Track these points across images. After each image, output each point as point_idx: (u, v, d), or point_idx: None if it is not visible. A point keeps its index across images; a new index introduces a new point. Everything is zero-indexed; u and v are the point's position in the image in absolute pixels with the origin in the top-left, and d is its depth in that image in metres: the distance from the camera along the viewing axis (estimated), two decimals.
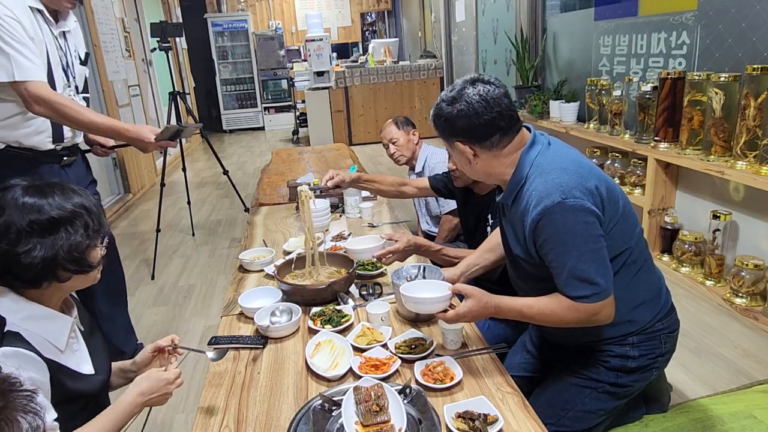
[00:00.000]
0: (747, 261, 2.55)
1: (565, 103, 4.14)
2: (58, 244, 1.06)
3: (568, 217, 1.25)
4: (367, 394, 1.17)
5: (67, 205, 1.09)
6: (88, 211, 1.13)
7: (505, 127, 1.36)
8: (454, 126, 1.37)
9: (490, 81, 1.37)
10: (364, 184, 2.23)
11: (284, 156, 4.29)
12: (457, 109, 1.35)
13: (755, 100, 2.46)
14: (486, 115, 1.33)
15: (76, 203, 1.11)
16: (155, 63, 7.09)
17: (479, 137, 1.36)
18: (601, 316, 1.30)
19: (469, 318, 1.39)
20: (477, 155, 1.39)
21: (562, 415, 1.47)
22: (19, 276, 1.06)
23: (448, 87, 1.44)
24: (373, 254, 1.84)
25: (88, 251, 1.12)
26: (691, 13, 2.99)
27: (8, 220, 1.04)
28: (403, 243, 1.82)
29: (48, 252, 1.05)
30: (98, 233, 1.14)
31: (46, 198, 1.08)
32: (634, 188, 3.37)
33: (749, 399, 1.99)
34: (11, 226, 1.03)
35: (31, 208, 1.06)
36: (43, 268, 1.05)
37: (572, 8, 4.35)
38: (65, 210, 1.09)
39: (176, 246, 4.26)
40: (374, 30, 11.29)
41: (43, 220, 1.06)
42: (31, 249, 1.03)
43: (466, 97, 1.34)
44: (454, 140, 1.39)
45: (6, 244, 1.03)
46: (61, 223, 1.07)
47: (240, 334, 1.63)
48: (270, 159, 4.37)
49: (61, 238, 1.07)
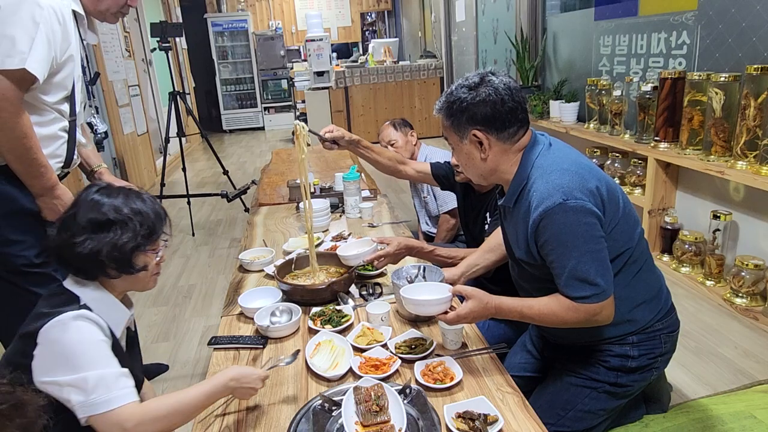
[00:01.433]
0: (747, 261, 2.55)
1: (565, 103, 4.14)
2: (104, 242, 1.14)
3: (569, 218, 1.25)
4: (367, 394, 1.17)
5: (124, 208, 1.17)
6: (143, 216, 1.19)
7: (522, 120, 1.37)
8: (476, 113, 1.34)
9: (508, 75, 1.39)
10: (362, 150, 2.15)
11: (284, 156, 4.29)
12: (482, 94, 1.33)
13: (755, 100, 2.46)
14: (510, 103, 1.33)
15: (133, 208, 1.18)
16: (155, 63, 7.09)
17: (500, 126, 1.35)
18: (601, 316, 1.30)
19: (470, 319, 1.39)
20: (491, 147, 1.37)
21: (562, 415, 1.47)
22: (71, 264, 1.16)
23: (460, 78, 1.41)
24: (364, 259, 1.80)
25: (135, 254, 1.17)
26: (691, 13, 2.99)
27: (76, 213, 1.15)
28: (393, 246, 1.81)
29: (94, 246, 1.13)
30: (149, 239, 1.19)
31: (110, 198, 1.17)
32: (634, 188, 3.37)
33: (749, 399, 1.99)
34: (76, 219, 1.15)
35: (94, 206, 1.16)
36: (88, 260, 1.13)
37: (572, 8, 4.35)
38: (120, 213, 1.16)
39: (176, 246, 4.25)
40: (374, 30, 11.28)
41: (98, 218, 1.15)
42: (82, 241, 1.13)
43: (492, 83, 1.34)
44: (471, 129, 1.36)
45: (68, 234, 1.14)
46: (113, 224, 1.15)
47: (240, 334, 1.63)
48: (270, 159, 4.37)
49: (109, 237, 1.14)
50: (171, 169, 6.46)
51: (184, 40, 8.51)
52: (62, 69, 1.63)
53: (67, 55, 1.63)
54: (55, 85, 1.64)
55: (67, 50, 1.63)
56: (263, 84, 9.96)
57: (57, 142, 1.70)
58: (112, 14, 1.81)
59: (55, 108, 1.67)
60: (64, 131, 1.73)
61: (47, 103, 1.64)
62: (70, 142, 1.76)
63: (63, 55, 1.61)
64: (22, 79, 1.49)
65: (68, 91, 1.69)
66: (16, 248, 1.63)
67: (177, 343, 2.77)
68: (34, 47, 1.48)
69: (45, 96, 1.62)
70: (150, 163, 6.31)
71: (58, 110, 1.68)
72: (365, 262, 1.81)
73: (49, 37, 1.53)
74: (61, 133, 1.72)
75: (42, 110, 1.63)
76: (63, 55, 1.61)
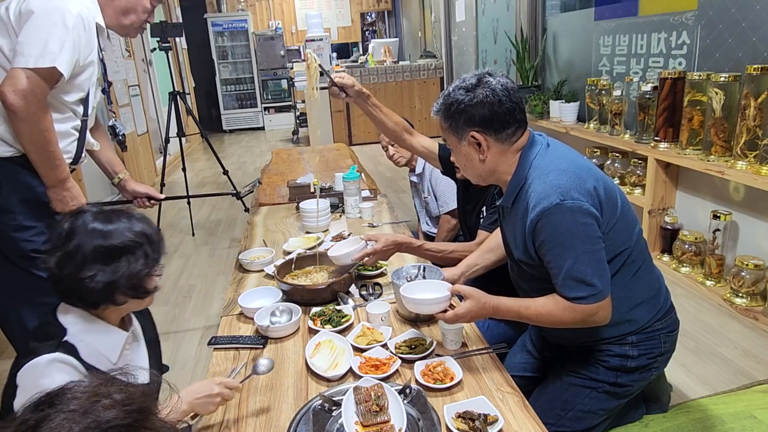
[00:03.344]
0: (747, 261, 2.55)
1: (565, 103, 4.14)
2: (119, 272, 1.09)
3: (566, 218, 1.25)
4: (367, 394, 1.17)
5: (129, 234, 1.12)
6: (149, 239, 1.15)
7: (520, 120, 1.38)
8: (473, 114, 1.35)
9: (505, 76, 1.39)
10: (369, 107, 2.00)
11: (284, 156, 4.30)
12: (480, 95, 1.34)
13: (755, 100, 2.46)
14: (508, 103, 1.34)
15: (138, 231, 1.14)
16: (155, 63, 7.09)
17: (497, 127, 1.35)
18: (597, 317, 1.31)
19: (468, 318, 1.39)
20: (489, 148, 1.37)
21: (562, 415, 1.47)
22: (81, 298, 1.11)
23: (457, 80, 1.42)
24: (353, 257, 1.79)
25: (147, 279, 1.15)
26: (691, 13, 2.99)
27: (77, 244, 1.08)
28: (381, 243, 1.81)
29: (109, 278, 1.09)
30: (156, 261, 1.17)
31: (113, 224, 1.12)
32: (634, 188, 3.37)
33: (749, 399, 1.99)
34: (79, 250, 1.08)
35: (98, 234, 1.10)
36: (103, 292, 1.09)
37: (572, 8, 4.35)
38: (128, 238, 1.12)
39: (176, 246, 4.25)
40: (374, 30, 11.28)
41: (107, 247, 1.09)
42: (94, 275, 1.07)
43: (489, 84, 1.35)
44: (469, 131, 1.37)
45: (73, 267, 1.07)
46: (124, 252, 1.11)
47: (240, 334, 1.63)
48: (270, 159, 4.37)
49: (123, 266, 1.10)
50: (171, 169, 6.46)
51: (184, 40, 8.50)
52: (83, 72, 1.76)
53: (88, 60, 1.75)
54: (75, 86, 1.75)
55: (90, 55, 1.75)
56: (263, 84, 9.96)
57: (69, 138, 1.81)
58: (135, 29, 1.92)
59: (71, 107, 1.78)
60: (76, 130, 1.84)
61: (65, 102, 1.75)
62: (80, 140, 1.86)
63: (85, 59, 1.73)
64: (50, 77, 1.61)
65: (84, 93, 1.80)
66: (27, 234, 1.72)
67: (177, 343, 2.77)
68: (64, 48, 1.60)
69: (64, 95, 1.74)
70: (150, 163, 6.31)
71: (73, 110, 1.80)
72: (354, 260, 1.81)
73: (76, 41, 1.64)
74: (73, 131, 1.82)
75: (60, 108, 1.75)
76: (85, 59, 1.73)
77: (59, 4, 1.62)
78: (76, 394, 0.67)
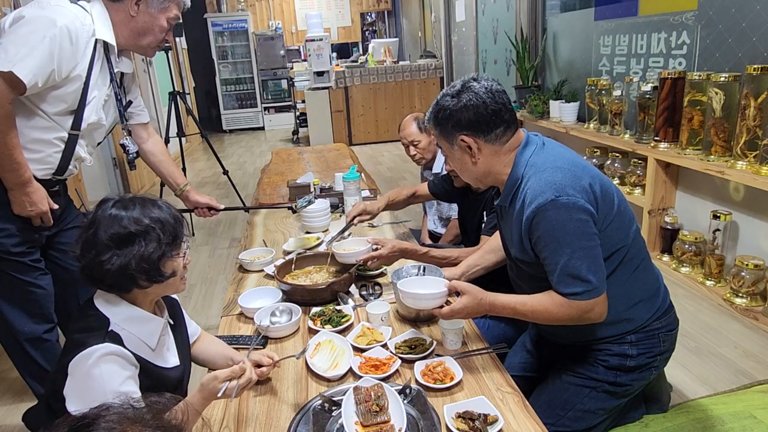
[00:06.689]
0: (747, 261, 2.55)
1: (565, 103, 4.14)
2: (130, 255, 1.15)
3: (561, 214, 1.26)
4: (367, 394, 1.17)
5: (144, 219, 1.17)
6: (163, 224, 1.19)
7: (508, 120, 1.39)
8: (460, 119, 1.38)
9: (491, 79, 1.42)
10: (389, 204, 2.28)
11: (284, 156, 4.30)
12: (464, 99, 1.37)
13: (755, 100, 2.46)
14: (492, 105, 1.36)
15: (152, 217, 1.19)
16: (155, 63, 7.09)
17: (485, 129, 1.37)
18: (593, 313, 1.31)
19: (464, 314, 1.40)
20: (480, 150, 1.40)
21: (561, 415, 1.47)
22: (102, 281, 1.17)
23: (446, 88, 1.46)
24: (357, 258, 1.83)
25: (162, 262, 1.18)
26: (691, 13, 2.99)
27: (97, 232, 1.15)
28: (387, 249, 1.83)
29: (123, 261, 1.14)
30: (172, 245, 1.20)
31: (127, 211, 1.18)
32: (634, 188, 3.37)
33: (749, 399, 1.99)
34: (99, 237, 1.15)
35: (114, 220, 1.16)
36: (119, 275, 1.15)
37: (572, 8, 4.34)
38: (141, 224, 1.17)
39: None
40: (374, 30, 11.28)
41: (121, 233, 1.15)
42: (109, 258, 1.14)
43: (472, 89, 1.38)
44: (459, 135, 1.39)
45: (93, 253, 1.15)
46: (136, 236, 1.16)
47: (240, 334, 1.63)
48: (270, 159, 4.37)
49: (134, 250, 1.15)
50: None
51: (184, 40, 8.50)
52: (65, 85, 1.71)
53: (74, 73, 1.70)
54: (56, 97, 1.71)
55: (74, 69, 1.70)
56: (263, 84, 9.96)
57: (50, 148, 1.77)
58: (152, 49, 1.94)
59: (53, 118, 1.75)
60: (61, 141, 1.79)
61: (45, 112, 1.72)
62: (66, 153, 1.81)
63: (67, 73, 1.69)
64: (11, 82, 1.56)
65: (70, 106, 1.76)
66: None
67: None
68: (31, 56, 1.57)
69: (42, 104, 1.71)
70: None
71: (56, 121, 1.76)
72: (358, 262, 1.82)
73: (54, 52, 1.61)
74: (56, 141, 1.78)
75: (36, 116, 1.72)
76: (67, 73, 1.69)
77: (47, 14, 1.61)
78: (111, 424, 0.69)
